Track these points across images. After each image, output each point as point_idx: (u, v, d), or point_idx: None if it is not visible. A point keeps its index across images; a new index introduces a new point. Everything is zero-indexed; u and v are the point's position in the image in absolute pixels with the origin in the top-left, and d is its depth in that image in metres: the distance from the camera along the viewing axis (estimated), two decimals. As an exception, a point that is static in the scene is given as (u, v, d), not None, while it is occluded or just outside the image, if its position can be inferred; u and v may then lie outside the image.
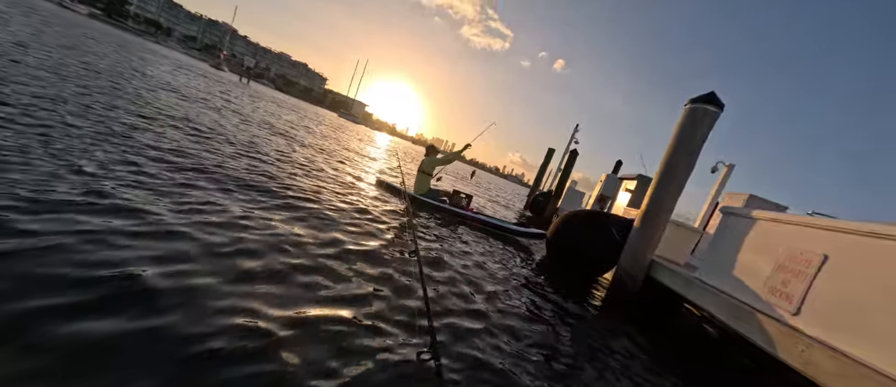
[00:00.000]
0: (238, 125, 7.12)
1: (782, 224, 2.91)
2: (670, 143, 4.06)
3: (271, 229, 2.57)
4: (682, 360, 3.10)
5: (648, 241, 4.05)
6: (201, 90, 10.87)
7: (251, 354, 1.36)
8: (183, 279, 1.66)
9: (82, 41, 11.73)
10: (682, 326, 4.32)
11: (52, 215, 1.81)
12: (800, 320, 2.38)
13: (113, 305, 1.37)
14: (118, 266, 1.59)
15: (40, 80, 4.70)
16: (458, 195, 5.99)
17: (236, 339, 1.40)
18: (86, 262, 1.55)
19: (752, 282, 2.93)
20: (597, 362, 2.36)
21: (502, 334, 2.23)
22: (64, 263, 1.50)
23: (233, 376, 1.24)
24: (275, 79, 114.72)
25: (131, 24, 76.63)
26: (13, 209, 1.75)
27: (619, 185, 11.27)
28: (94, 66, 7.59)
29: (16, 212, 1.74)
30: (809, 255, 2.49)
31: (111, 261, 1.62)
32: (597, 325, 3.17)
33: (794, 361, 2.19)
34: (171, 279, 1.62)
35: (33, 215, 1.76)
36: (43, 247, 1.56)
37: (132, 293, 1.46)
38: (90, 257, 1.59)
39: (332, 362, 1.46)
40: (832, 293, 2.28)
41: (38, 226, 1.68)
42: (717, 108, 3.83)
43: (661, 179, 4.02)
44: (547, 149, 17.20)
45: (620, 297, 4.11)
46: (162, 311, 1.42)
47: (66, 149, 2.75)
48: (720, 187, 7.89)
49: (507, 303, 2.80)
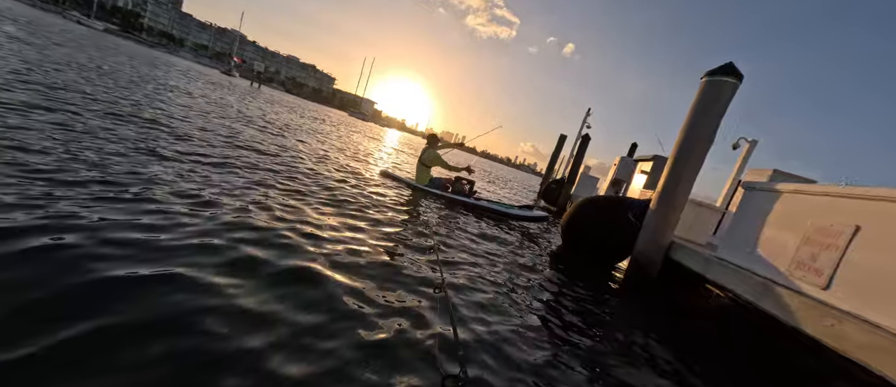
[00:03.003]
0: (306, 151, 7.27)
1: (809, 196, 2.77)
2: (687, 119, 3.92)
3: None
4: (703, 341, 3.03)
5: (666, 222, 3.94)
6: (229, 109, 11.11)
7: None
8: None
9: (126, 65, 12.16)
10: (703, 306, 4.21)
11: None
12: (830, 295, 2.28)
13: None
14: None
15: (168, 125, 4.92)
16: (461, 182, 5.97)
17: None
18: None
19: (778, 258, 2.82)
20: (618, 354, 2.30)
21: (517, 327, 2.20)
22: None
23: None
24: (284, 82, 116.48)
25: (146, 37, 79.04)
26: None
27: (635, 167, 10.97)
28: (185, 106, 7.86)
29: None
30: (840, 226, 2.37)
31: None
32: (616, 312, 3.12)
33: (823, 335, 2.10)
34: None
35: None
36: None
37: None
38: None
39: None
40: (866, 265, 2.17)
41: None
42: (735, 79, 3.66)
43: (678, 157, 3.89)
44: (559, 136, 16.88)
45: (639, 281, 4.03)
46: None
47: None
48: (743, 165, 7.58)
49: (519, 295, 2.78)
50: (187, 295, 1.52)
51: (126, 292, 1.44)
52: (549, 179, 15.34)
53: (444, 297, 1.61)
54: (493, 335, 1.95)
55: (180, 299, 1.48)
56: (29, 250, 1.51)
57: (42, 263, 1.47)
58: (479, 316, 2.11)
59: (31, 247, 1.53)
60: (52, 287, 1.35)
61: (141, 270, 1.58)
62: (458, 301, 2.22)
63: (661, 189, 3.99)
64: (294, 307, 1.66)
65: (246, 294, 1.65)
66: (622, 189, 11.16)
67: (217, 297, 1.57)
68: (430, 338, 1.71)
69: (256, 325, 1.47)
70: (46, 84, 5.03)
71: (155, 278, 1.56)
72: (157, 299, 1.44)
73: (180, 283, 1.59)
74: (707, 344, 3.03)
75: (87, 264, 1.52)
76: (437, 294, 1.77)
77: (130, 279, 1.51)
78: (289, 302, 1.69)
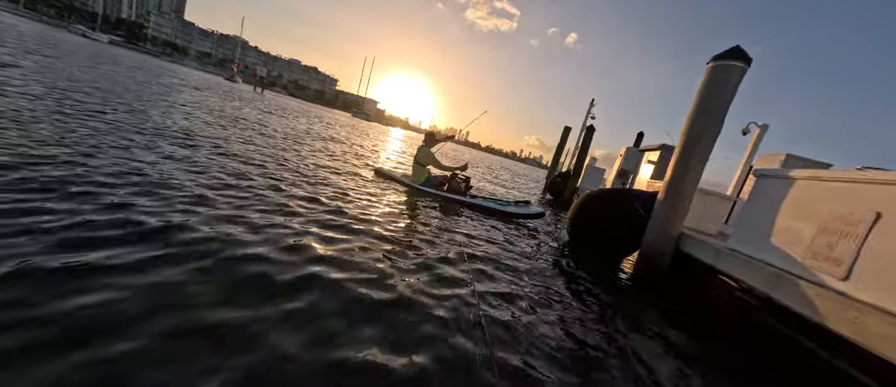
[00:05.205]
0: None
1: (825, 182, 2.65)
2: (693, 105, 3.79)
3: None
4: (714, 335, 2.94)
5: (674, 212, 3.84)
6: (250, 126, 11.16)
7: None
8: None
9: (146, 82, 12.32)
10: (715, 299, 4.10)
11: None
12: (850, 286, 2.18)
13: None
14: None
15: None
16: (456, 179, 5.91)
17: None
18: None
19: (793, 247, 2.71)
20: (628, 353, 2.24)
21: (527, 327, 2.16)
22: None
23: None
24: (287, 85, 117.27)
25: (150, 47, 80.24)
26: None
27: (641, 157, 10.78)
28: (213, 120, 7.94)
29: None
30: (859, 213, 2.26)
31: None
32: (625, 308, 3.04)
33: (846, 330, 2.01)
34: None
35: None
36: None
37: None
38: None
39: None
40: (888, 254, 2.06)
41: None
42: (743, 63, 3.52)
43: (686, 146, 3.77)
44: (563, 127, 16.67)
45: (649, 275, 3.94)
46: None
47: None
48: (753, 150, 7.38)
49: (527, 292, 2.72)
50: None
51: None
52: (554, 172, 15.19)
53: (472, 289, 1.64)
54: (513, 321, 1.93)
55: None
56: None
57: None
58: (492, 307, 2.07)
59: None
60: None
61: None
62: (466, 294, 2.18)
63: (668, 179, 3.88)
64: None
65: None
66: (629, 180, 10.97)
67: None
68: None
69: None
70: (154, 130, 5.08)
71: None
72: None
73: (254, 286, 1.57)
74: (720, 338, 2.94)
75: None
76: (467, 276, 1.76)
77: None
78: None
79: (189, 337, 1.36)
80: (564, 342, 2.07)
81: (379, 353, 1.53)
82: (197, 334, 1.38)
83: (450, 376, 1.51)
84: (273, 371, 1.30)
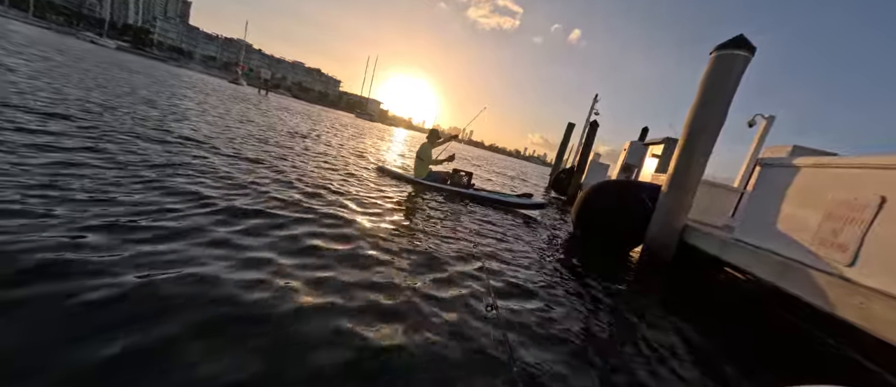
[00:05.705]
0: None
1: (829, 169, 2.64)
2: (697, 96, 3.78)
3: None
4: (720, 327, 2.93)
5: (679, 205, 3.83)
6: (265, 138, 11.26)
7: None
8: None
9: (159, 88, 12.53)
10: (720, 290, 4.08)
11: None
12: (856, 272, 2.17)
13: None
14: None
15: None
16: (459, 174, 5.95)
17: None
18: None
19: (799, 235, 2.69)
20: (639, 343, 2.23)
21: (539, 322, 2.15)
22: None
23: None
24: (291, 87, 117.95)
25: (156, 52, 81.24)
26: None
27: (645, 151, 10.71)
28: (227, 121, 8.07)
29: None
30: (864, 199, 2.24)
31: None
32: (630, 301, 3.03)
33: (852, 316, 2.00)
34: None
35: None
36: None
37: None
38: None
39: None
40: (893, 239, 2.05)
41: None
42: (747, 52, 3.50)
43: (689, 138, 3.76)
44: (566, 124, 16.58)
45: (654, 268, 3.93)
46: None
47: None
48: (760, 143, 7.31)
49: (537, 285, 2.73)
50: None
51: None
52: (558, 168, 15.12)
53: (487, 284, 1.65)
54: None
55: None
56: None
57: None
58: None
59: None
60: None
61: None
62: (477, 286, 2.20)
63: (672, 171, 3.87)
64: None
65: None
66: (633, 174, 10.91)
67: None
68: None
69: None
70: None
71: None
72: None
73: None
74: (727, 328, 2.93)
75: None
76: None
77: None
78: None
79: (212, 333, 1.38)
80: (576, 337, 2.03)
81: (398, 350, 1.52)
82: (217, 333, 1.39)
83: (469, 370, 1.50)
84: (289, 369, 1.28)
